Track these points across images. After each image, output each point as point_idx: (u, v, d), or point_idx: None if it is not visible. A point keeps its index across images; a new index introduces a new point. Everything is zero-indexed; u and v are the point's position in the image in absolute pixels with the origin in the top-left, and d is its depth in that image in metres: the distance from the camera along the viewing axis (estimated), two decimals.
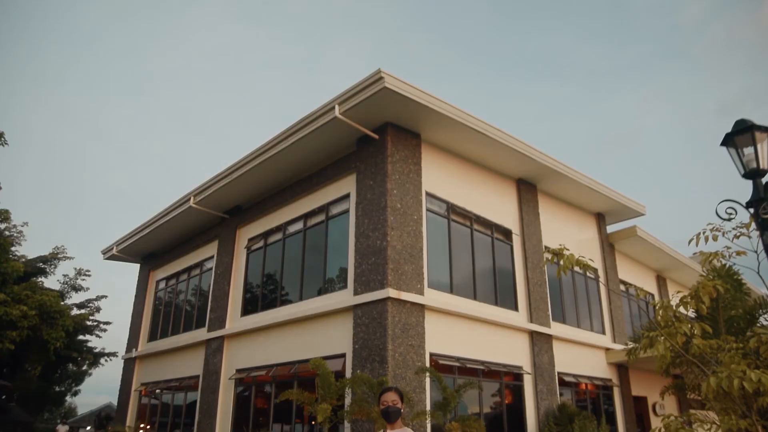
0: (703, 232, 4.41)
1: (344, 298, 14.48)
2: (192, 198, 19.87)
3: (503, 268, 17.47)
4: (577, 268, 18.94)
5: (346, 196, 15.75)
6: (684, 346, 4.61)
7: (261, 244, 18.89)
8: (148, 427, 23.25)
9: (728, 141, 6.02)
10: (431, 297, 14.31)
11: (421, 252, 14.48)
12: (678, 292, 4.79)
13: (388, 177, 14.29)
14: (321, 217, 16.56)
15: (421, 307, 13.86)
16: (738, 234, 4.25)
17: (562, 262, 4.91)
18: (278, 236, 18.15)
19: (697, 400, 27.34)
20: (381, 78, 13.19)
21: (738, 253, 4.25)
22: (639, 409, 22.87)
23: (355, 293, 14.04)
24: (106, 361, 34.91)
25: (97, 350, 32.47)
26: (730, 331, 6.92)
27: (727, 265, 8.19)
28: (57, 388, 42.38)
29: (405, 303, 13.43)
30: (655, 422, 23.30)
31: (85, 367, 41.57)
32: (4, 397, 37.27)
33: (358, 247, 14.41)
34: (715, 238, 4.30)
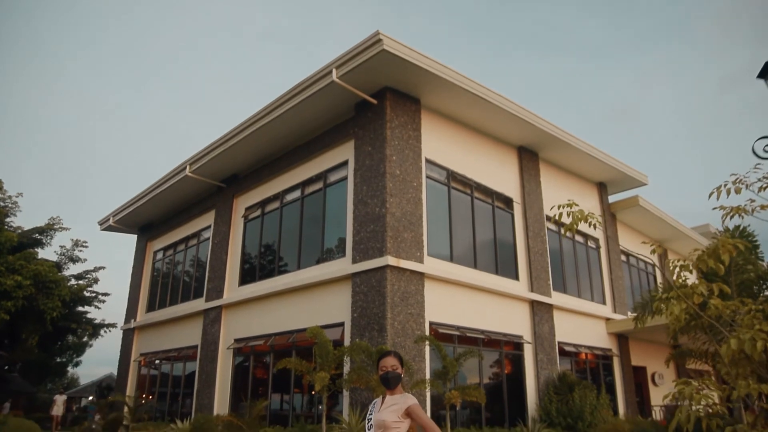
0: (725, 185, 4.11)
1: (343, 266, 14.26)
2: (188, 167, 19.54)
3: (504, 237, 17.23)
4: (578, 237, 18.62)
5: (344, 163, 15.43)
6: (699, 308, 4.35)
7: (258, 213, 18.62)
8: (150, 397, 23.28)
9: (765, 74, 5.86)
10: (431, 265, 14.09)
11: (421, 219, 14.21)
12: (678, 259, 4.52)
13: (387, 143, 13.96)
14: (319, 185, 16.26)
15: (421, 276, 13.65)
16: (764, 186, 3.95)
17: (570, 219, 4.58)
18: (275, 205, 17.87)
19: (696, 370, 27.52)
20: (379, 40, 12.77)
21: (762, 207, 3.96)
22: (638, 379, 22.88)
23: (354, 261, 13.81)
24: (105, 332, 34.92)
25: (96, 321, 32.43)
26: (742, 295, 6.66)
27: (742, 227, 7.91)
28: (58, 359, 42.57)
29: (404, 271, 13.20)
30: (654, 392, 23.38)
31: (85, 339, 41.69)
32: (6, 367, 37.46)
33: (357, 214, 14.14)
34: (738, 191, 4.02)
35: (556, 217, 4.75)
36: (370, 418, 3.99)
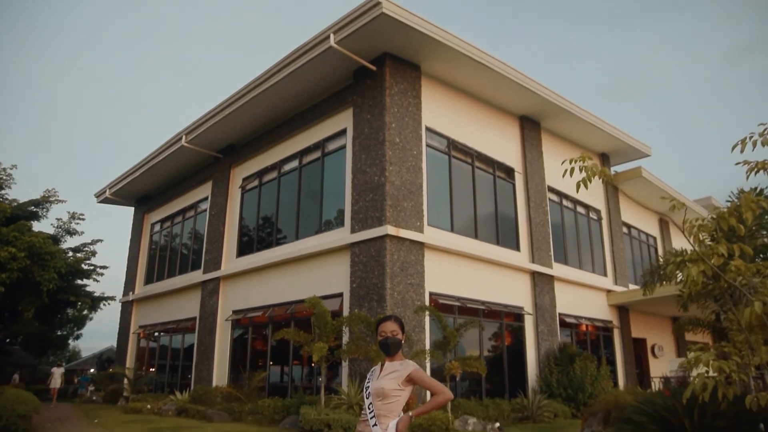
0: (750, 137, 3.83)
1: (341, 236, 14.01)
2: (184, 137, 19.18)
3: (505, 207, 16.97)
4: (580, 208, 18.35)
5: (343, 132, 15.09)
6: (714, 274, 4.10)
7: (255, 183, 18.32)
8: (150, 369, 23.24)
9: None
10: (431, 235, 13.84)
11: (421, 189, 13.93)
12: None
13: (386, 110, 13.61)
14: (317, 154, 15.94)
15: (421, 245, 13.41)
16: None
17: (583, 174, 4.31)
18: (273, 175, 17.57)
19: (695, 342, 27.51)
20: (378, 3, 12.34)
21: None
22: (638, 351, 22.84)
23: (353, 231, 13.56)
24: (105, 305, 34.79)
25: (95, 295, 32.28)
26: (755, 261, 6.42)
27: (759, 188, 7.63)
28: (59, 332, 42.61)
29: (404, 241, 12.96)
30: (654, 364, 23.35)
31: (85, 312, 41.64)
32: (7, 340, 37.49)
33: (355, 183, 13.86)
34: (765, 143, 3.74)
35: (568, 172, 4.44)
36: (368, 386, 3.67)
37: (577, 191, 4.19)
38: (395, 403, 3.49)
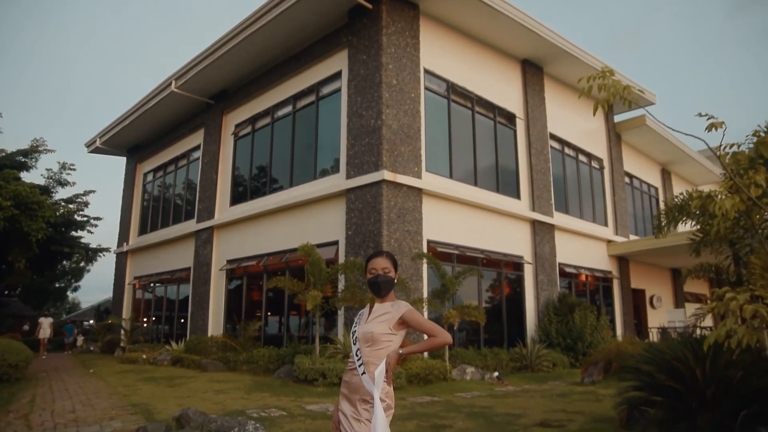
0: None
1: (336, 182, 13.55)
2: (173, 82, 18.47)
3: (505, 155, 16.46)
4: (582, 157, 17.80)
5: (338, 74, 14.45)
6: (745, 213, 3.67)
7: (248, 129, 17.73)
8: (146, 320, 23.10)
9: None
10: (429, 181, 13.38)
11: (419, 133, 13.40)
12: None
13: (382, 50, 12.95)
14: (311, 98, 15.32)
15: (419, 192, 12.96)
16: None
17: (602, 93, 3.84)
18: (266, 120, 16.97)
19: (693, 293, 27.44)
20: None
21: None
22: (636, 301, 22.72)
23: (348, 177, 13.09)
24: (100, 256, 34.61)
25: (90, 246, 32.01)
26: None
27: None
28: (57, 284, 42.61)
29: (401, 186, 12.51)
30: (652, 314, 23.27)
31: (82, 264, 41.54)
32: (6, 293, 37.43)
33: (351, 127, 13.31)
34: None
35: (585, 92, 3.96)
36: (355, 331, 3.19)
37: (594, 113, 3.70)
38: (386, 349, 3.01)
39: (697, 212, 4.56)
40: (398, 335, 3.09)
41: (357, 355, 3.06)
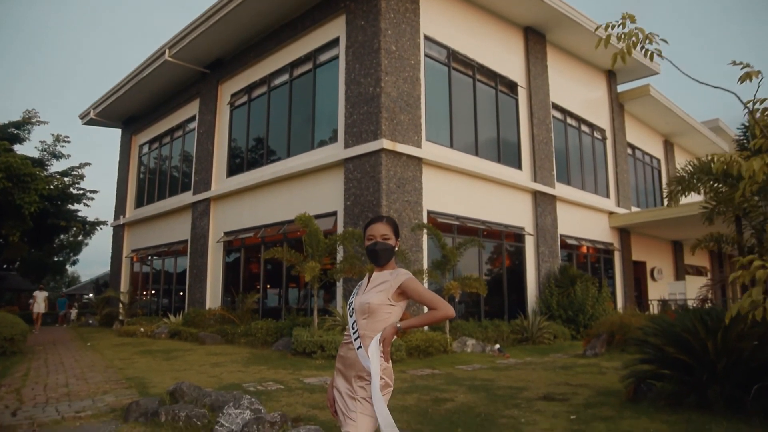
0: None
1: (334, 152, 13.23)
2: (167, 51, 18.00)
3: (507, 124, 16.11)
4: (584, 127, 17.36)
5: (335, 41, 14.02)
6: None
7: (245, 99, 17.34)
8: (145, 293, 22.97)
9: None
10: (429, 150, 13.07)
11: (419, 101, 13.04)
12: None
13: (381, 16, 12.53)
14: (308, 66, 14.91)
15: (419, 161, 12.66)
16: None
17: (621, 45, 3.54)
18: (263, 90, 16.57)
19: (693, 266, 27.30)
20: None
21: None
22: (637, 274, 22.59)
23: (346, 146, 12.78)
24: (98, 230, 34.41)
25: (87, 219, 31.76)
26: None
27: None
28: (56, 258, 42.52)
29: (401, 156, 12.20)
30: (652, 287, 23.15)
31: (80, 237, 41.38)
32: (4, 266, 37.29)
33: (349, 95, 12.95)
34: None
35: (605, 42, 3.65)
36: (351, 302, 2.92)
37: (612, 66, 3.40)
38: (384, 321, 2.75)
39: (716, 177, 4.31)
40: (398, 306, 2.81)
41: (353, 328, 2.79)
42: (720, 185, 5.58)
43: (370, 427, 2.63)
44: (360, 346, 2.71)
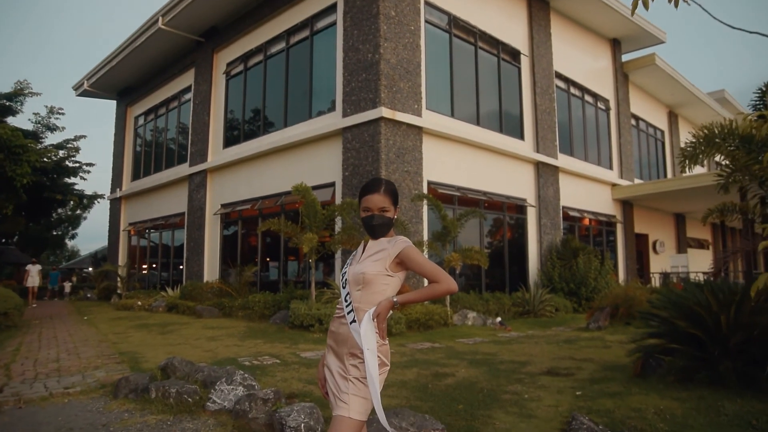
0: None
1: (332, 121, 12.87)
2: (160, 18, 17.50)
3: (509, 93, 15.72)
4: (588, 97, 16.93)
5: (333, 7, 13.55)
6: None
7: (240, 68, 16.91)
8: (144, 266, 22.78)
9: None
10: (430, 119, 12.71)
11: (419, 68, 12.64)
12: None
13: None
14: (305, 33, 14.46)
15: (419, 130, 12.32)
16: None
17: None
18: (259, 58, 16.13)
19: (695, 239, 27.10)
20: None
21: None
22: (639, 246, 22.38)
23: (344, 115, 12.42)
24: (96, 203, 34.22)
25: (84, 192, 31.50)
26: None
27: None
28: (54, 232, 42.38)
29: (400, 125, 11.86)
30: (654, 259, 22.97)
31: (78, 211, 41.15)
32: (3, 241, 37.12)
33: (347, 62, 12.55)
34: None
35: None
36: (345, 273, 2.66)
37: (632, 14, 3.07)
38: (381, 293, 2.49)
39: (734, 142, 4.01)
40: (396, 277, 2.54)
41: (346, 300, 2.52)
42: (738, 150, 5.28)
43: (363, 411, 2.38)
44: (354, 320, 2.44)
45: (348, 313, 2.48)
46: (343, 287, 2.60)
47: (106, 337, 10.11)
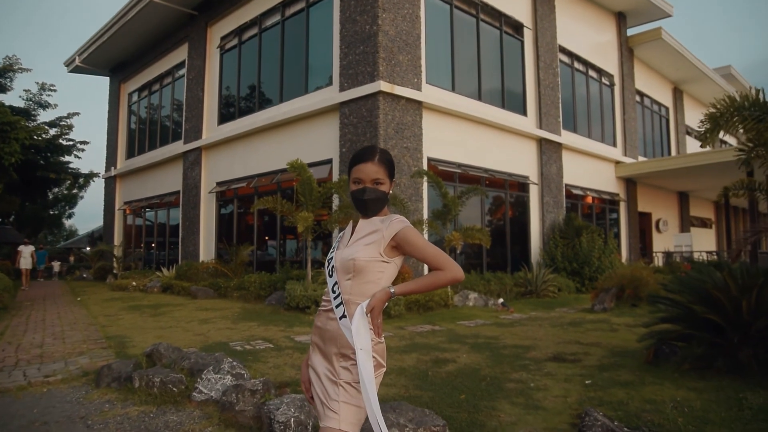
0: None
1: (329, 95, 12.43)
2: None
3: (512, 67, 15.24)
4: (592, 72, 16.45)
5: None
6: None
7: (235, 42, 16.39)
8: (141, 246, 22.44)
9: None
10: (430, 94, 12.26)
11: (419, 40, 12.17)
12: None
13: None
14: (301, 4, 13.93)
15: (418, 105, 11.88)
16: None
17: None
18: (254, 31, 15.61)
19: (698, 217, 26.75)
20: None
21: None
22: (642, 225, 22.05)
23: (342, 89, 11.97)
24: (92, 182, 33.78)
25: (80, 171, 31.00)
26: None
27: None
28: (51, 212, 42.03)
29: (399, 99, 11.42)
30: (657, 238, 22.65)
31: (75, 190, 40.73)
32: (1, 220, 36.74)
33: (344, 34, 12.07)
34: None
35: None
36: (331, 258, 2.23)
37: None
38: (375, 283, 2.09)
39: (759, 113, 3.64)
40: (392, 263, 2.14)
41: (334, 291, 2.13)
42: (762, 123, 4.91)
43: (356, 421, 2.02)
44: (344, 315, 2.06)
45: (337, 307, 2.10)
46: (330, 275, 2.19)
47: (96, 320, 9.80)
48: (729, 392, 4.51)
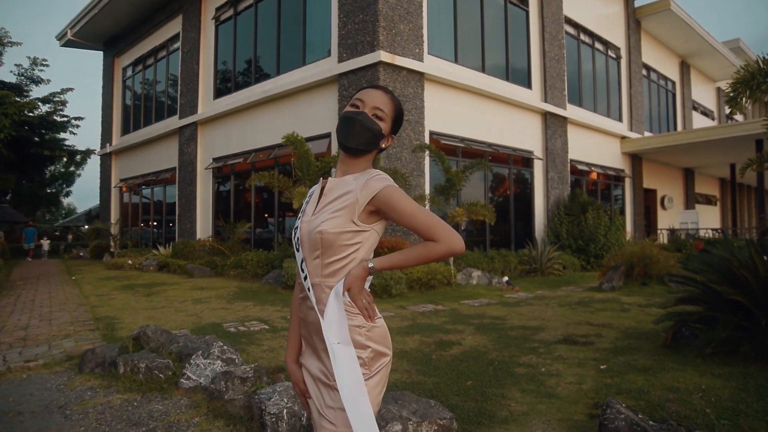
0: None
1: (327, 66, 11.97)
2: None
3: (516, 39, 14.73)
4: (598, 45, 15.86)
5: None
6: None
7: (230, 13, 15.85)
8: (141, 224, 22.09)
9: None
10: (432, 64, 11.80)
11: (421, 9, 11.67)
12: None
13: None
14: None
15: (420, 76, 11.42)
16: None
17: None
18: (249, 1, 15.06)
19: (703, 194, 26.36)
20: None
21: None
22: (647, 202, 21.68)
23: (340, 60, 11.51)
24: (88, 159, 33.38)
25: (74, 147, 30.56)
26: None
27: None
28: (49, 190, 41.73)
29: (400, 70, 10.97)
30: (662, 215, 22.29)
31: (72, 168, 40.35)
32: None
33: (343, 2, 11.57)
34: None
35: None
36: (297, 228, 1.76)
37: None
38: (350, 260, 1.64)
39: None
40: (371, 231, 1.67)
41: (302, 270, 1.70)
42: None
43: None
44: (316, 302, 1.65)
45: (309, 291, 1.67)
46: (297, 250, 1.74)
47: (87, 300, 9.48)
48: (758, 380, 4.17)
